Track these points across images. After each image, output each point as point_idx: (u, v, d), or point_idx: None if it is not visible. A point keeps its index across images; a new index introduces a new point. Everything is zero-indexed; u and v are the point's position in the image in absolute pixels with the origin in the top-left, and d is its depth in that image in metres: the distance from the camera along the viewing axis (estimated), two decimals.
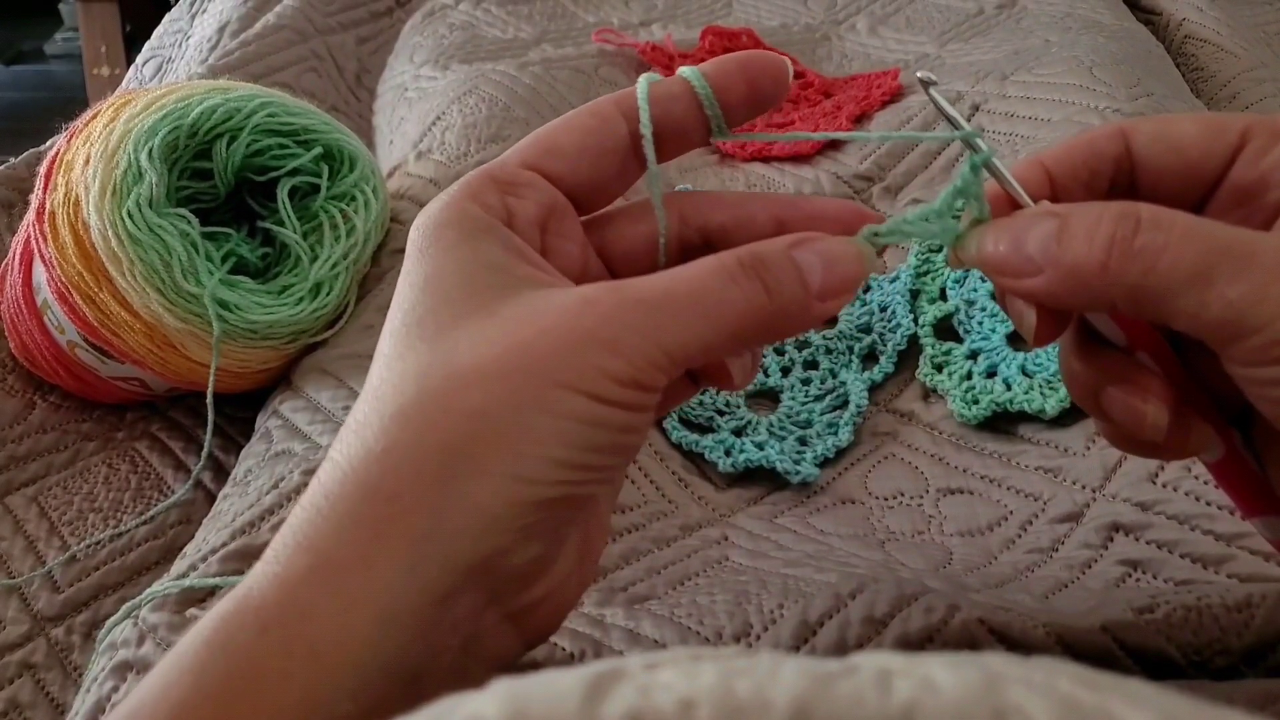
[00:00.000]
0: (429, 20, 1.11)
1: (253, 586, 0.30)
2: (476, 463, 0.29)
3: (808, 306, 0.32)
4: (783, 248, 0.32)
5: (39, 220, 0.68)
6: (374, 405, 0.31)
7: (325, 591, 0.29)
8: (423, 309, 0.32)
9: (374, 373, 0.32)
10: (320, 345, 0.71)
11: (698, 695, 0.18)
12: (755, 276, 0.31)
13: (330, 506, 0.30)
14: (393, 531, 0.29)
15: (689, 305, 0.31)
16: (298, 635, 0.29)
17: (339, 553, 0.29)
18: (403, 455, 0.30)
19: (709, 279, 0.31)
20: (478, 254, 0.33)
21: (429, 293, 0.32)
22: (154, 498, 0.69)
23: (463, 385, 0.30)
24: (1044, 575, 0.51)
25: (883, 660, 0.19)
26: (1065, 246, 0.31)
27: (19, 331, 0.73)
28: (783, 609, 0.46)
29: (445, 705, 0.20)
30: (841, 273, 0.33)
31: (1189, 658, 0.42)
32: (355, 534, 0.29)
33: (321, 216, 0.71)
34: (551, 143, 0.36)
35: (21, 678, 0.59)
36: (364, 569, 0.29)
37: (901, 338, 0.68)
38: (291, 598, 0.29)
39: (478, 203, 0.34)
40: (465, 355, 0.30)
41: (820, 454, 0.62)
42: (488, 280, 0.32)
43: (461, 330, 0.31)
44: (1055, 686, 0.18)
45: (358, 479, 0.30)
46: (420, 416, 0.30)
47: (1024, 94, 0.83)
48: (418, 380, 0.30)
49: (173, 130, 0.67)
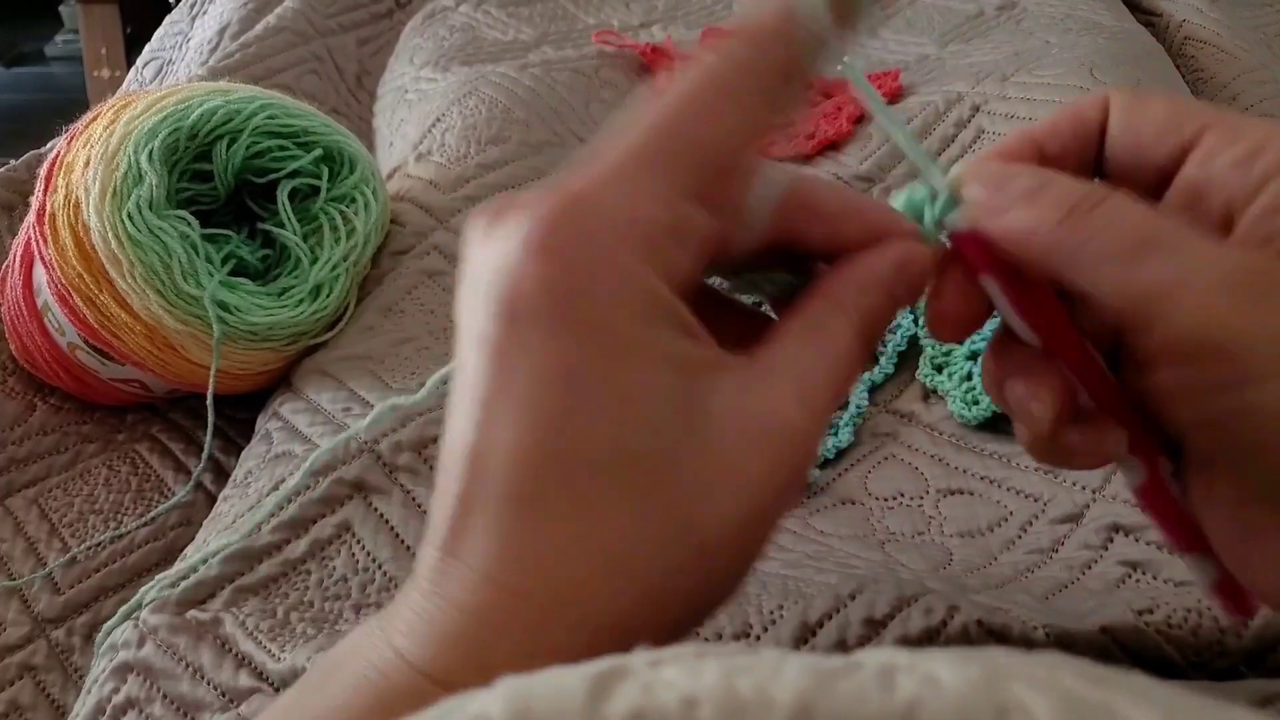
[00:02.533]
0: (429, 22, 1.11)
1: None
2: (693, 626, 0.29)
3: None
4: (888, 290, 0.32)
5: (39, 222, 0.68)
6: (613, 573, 0.26)
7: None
8: (629, 444, 0.27)
9: (580, 511, 0.26)
10: (320, 347, 0.71)
11: (701, 693, 0.18)
12: (870, 343, 0.32)
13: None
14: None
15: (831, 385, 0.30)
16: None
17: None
18: (645, 632, 0.26)
19: (854, 366, 0.31)
20: (669, 360, 0.27)
21: (634, 424, 0.27)
22: (154, 499, 0.69)
23: (710, 559, 0.27)
24: (1044, 576, 0.51)
25: (885, 657, 0.19)
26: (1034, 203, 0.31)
27: (19, 333, 0.73)
28: (783, 610, 0.46)
29: (450, 704, 0.20)
30: (915, 295, 0.33)
31: (1188, 659, 0.42)
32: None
33: (321, 218, 0.71)
34: (729, 159, 0.30)
35: (22, 679, 0.59)
36: None
37: (901, 338, 0.68)
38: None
39: (656, 268, 0.28)
40: (703, 521, 0.27)
41: (820, 455, 0.62)
42: (682, 396, 0.27)
43: (682, 478, 0.27)
44: (1058, 682, 0.18)
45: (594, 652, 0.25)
46: (673, 591, 0.27)
47: (1024, 95, 0.84)
48: (666, 550, 0.27)
49: (173, 132, 0.67)
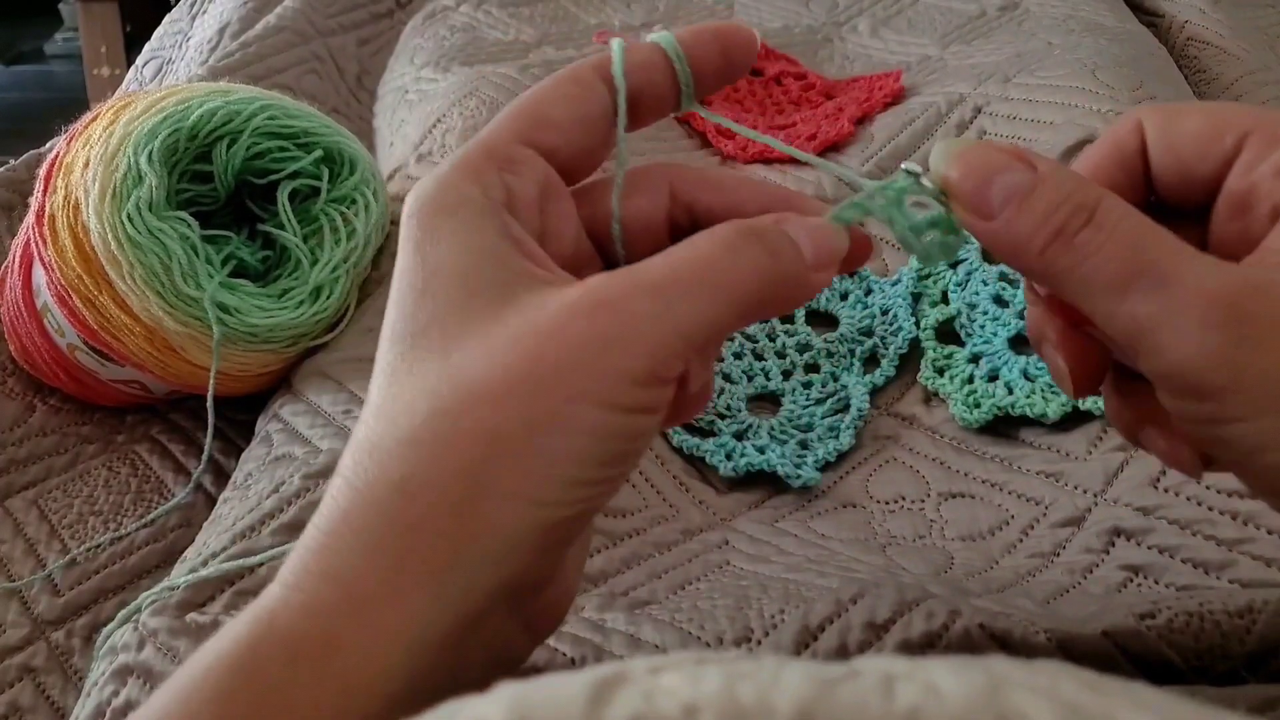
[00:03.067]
0: (430, 22, 1.11)
1: (277, 611, 0.29)
2: (494, 487, 0.29)
3: (805, 275, 0.32)
4: (772, 222, 0.32)
5: (39, 223, 0.67)
6: (386, 426, 0.30)
7: (354, 624, 0.28)
8: (426, 314, 0.30)
9: (378, 384, 0.31)
10: (320, 349, 0.71)
11: (701, 700, 0.18)
12: (757, 241, 0.31)
13: (353, 534, 0.29)
14: (416, 561, 0.28)
15: (698, 281, 0.30)
16: (328, 667, 0.28)
17: (365, 584, 0.29)
18: (420, 482, 0.29)
19: (714, 251, 0.30)
20: (479, 246, 0.31)
21: (431, 295, 0.30)
22: (154, 501, 0.69)
23: (475, 403, 0.29)
24: (1045, 580, 0.51)
25: (886, 664, 0.19)
26: (1022, 213, 0.31)
27: (19, 334, 0.73)
28: (784, 614, 0.46)
29: (448, 709, 0.20)
30: (829, 245, 0.32)
31: (1190, 663, 0.42)
32: (380, 564, 0.29)
33: (322, 219, 0.71)
34: (542, 114, 0.34)
35: (22, 681, 0.59)
36: (391, 601, 0.28)
37: (903, 341, 0.68)
38: (320, 629, 0.28)
39: (477, 183, 0.32)
40: (475, 369, 0.29)
41: (821, 458, 0.62)
42: (491, 278, 0.30)
43: (469, 339, 0.29)
44: (1059, 691, 0.18)
45: (377, 506, 0.29)
46: (434, 439, 0.29)
47: (1026, 96, 0.83)
48: (429, 399, 0.29)
49: (172, 133, 0.67)
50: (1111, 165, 0.35)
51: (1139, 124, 0.35)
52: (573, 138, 0.34)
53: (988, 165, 0.32)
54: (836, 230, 0.33)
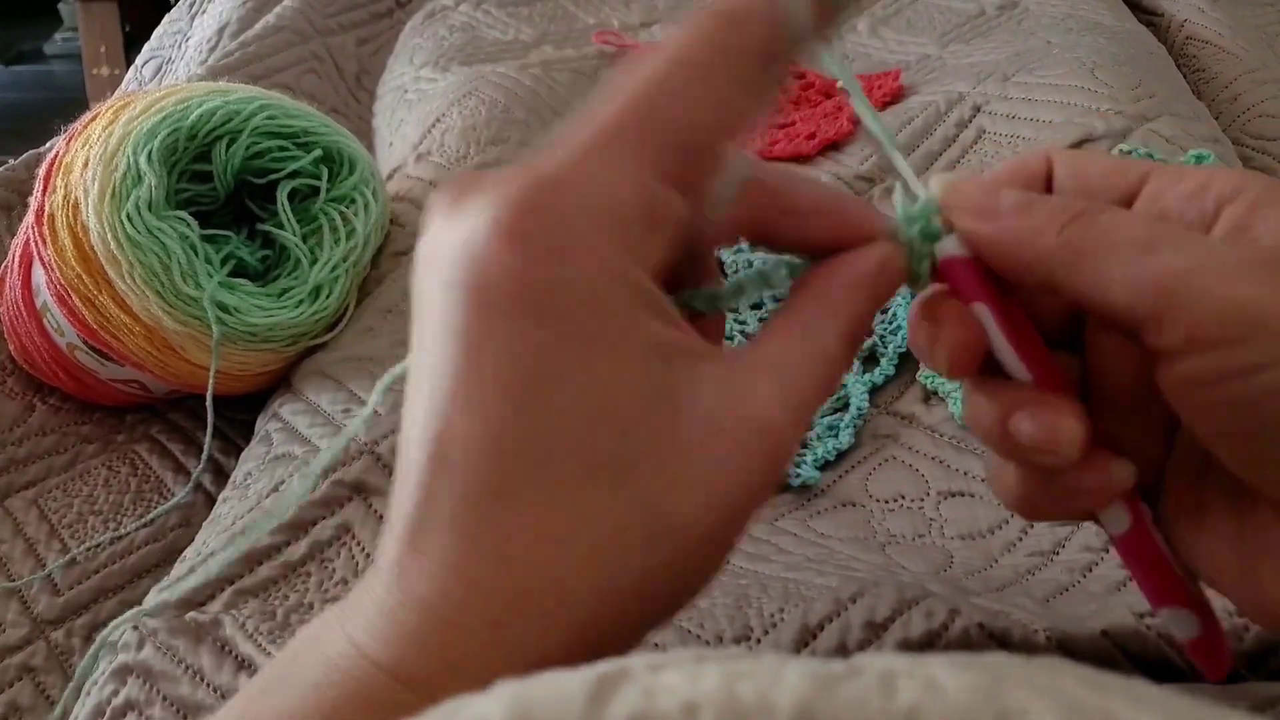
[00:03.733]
0: (429, 21, 1.11)
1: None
2: (663, 620, 0.28)
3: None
4: (869, 297, 0.31)
5: (38, 223, 0.67)
6: (578, 564, 0.26)
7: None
8: (603, 437, 0.26)
9: (550, 501, 0.26)
10: (320, 348, 0.71)
11: (701, 697, 0.18)
12: (857, 344, 0.31)
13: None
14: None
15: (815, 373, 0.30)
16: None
17: None
18: (617, 631, 0.27)
19: (838, 369, 0.30)
20: (645, 349, 0.27)
21: (607, 417, 0.26)
22: (154, 500, 0.69)
23: (685, 551, 0.27)
24: (1045, 578, 0.51)
25: (886, 662, 0.19)
26: (1033, 210, 0.31)
27: (18, 334, 0.73)
28: (783, 613, 0.46)
29: (449, 707, 0.19)
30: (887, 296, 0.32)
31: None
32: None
33: (321, 219, 0.71)
34: (706, 142, 0.28)
35: (21, 680, 0.59)
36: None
37: (902, 340, 0.68)
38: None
39: (634, 256, 0.27)
40: (676, 512, 0.27)
41: (821, 457, 0.62)
42: (658, 383, 0.27)
43: (656, 468, 0.26)
44: (1059, 688, 0.18)
45: (557, 650, 0.26)
46: (640, 586, 0.27)
47: (1026, 95, 0.83)
48: (637, 542, 0.26)
49: (172, 133, 0.67)
50: (1018, 180, 0.35)
51: (1046, 156, 0.35)
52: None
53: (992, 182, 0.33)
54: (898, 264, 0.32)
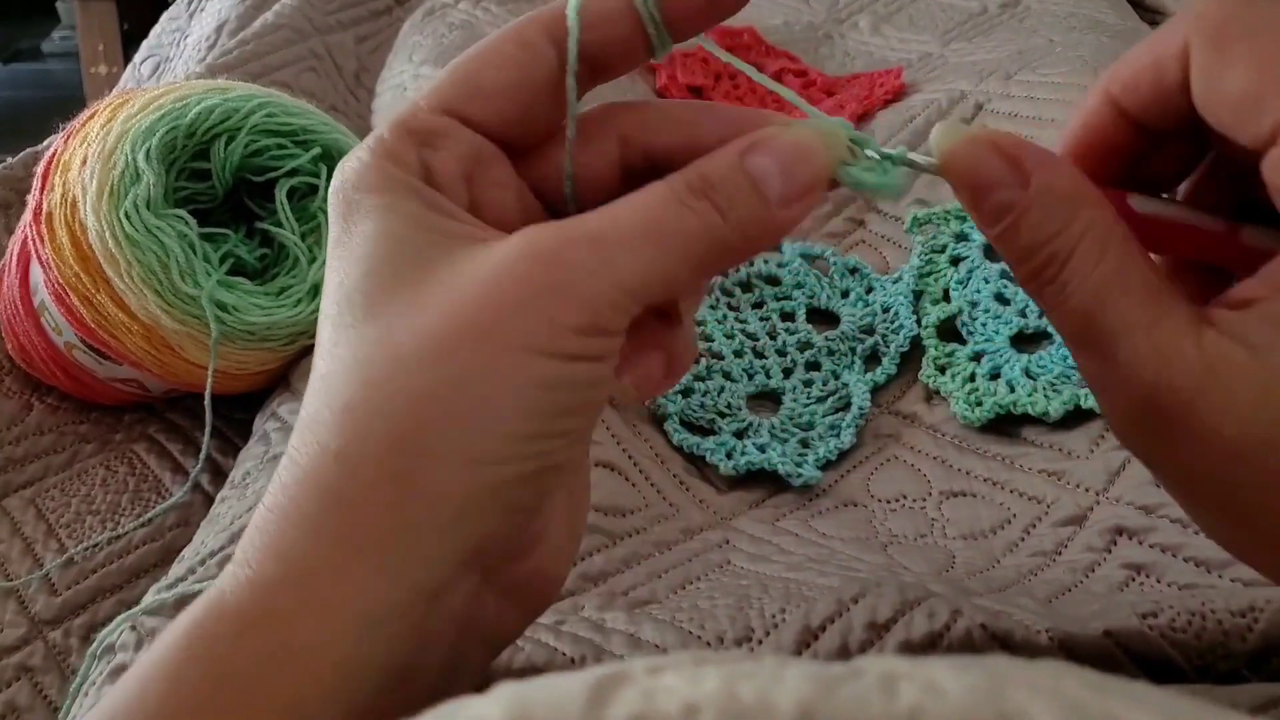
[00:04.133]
0: (429, 19, 1.11)
1: (226, 590, 0.29)
2: (431, 452, 0.28)
3: (769, 219, 0.29)
4: (733, 158, 0.29)
5: (36, 221, 0.67)
6: (322, 398, 0.29)
7: (299, 597, 0.28)
8: (351, 286, 0.30)
9: (318, 361, 0.30)
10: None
11: (701, 699, 0.18)
12: (705, 197, 0.29)
13: (297, 512, 0.28)
14: (358, 536, 0.28)
15: (640, 235, 0.28)
16: (276, 639, 0.27)
17: (312, 562, 0.28)
18: (355, 454, 0.28)
19: (657, 206, 0.29)
20: (401, 218, 0.30)
21: (356, 268, 0.30)
22: (152, 500, 0.69)
23: (405, 368, 0.28)
24: (1047, 579, 0.51)
25: (887, 664, 0.19)
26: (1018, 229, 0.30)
27: (16, 333, 0.72)
28: (785, 613, 0.45)
29: (448, 709, 0.19)
30: (804, 173, 0.30)
31: (1192, 662, 0.41)
32: (326, 544, 0.28)
33: (320, 217, 0.71)
34: (473, 83, 0.31)
35: (19, 681, 0.58)
36: (335, 575, 0.28)
37: (904, 339, 0.68)
38: (266, 602, 0.28)
39: (394, 161, 0.31)
40: (404, 333, 0.28)
41: (822, 456, 0.62)
42: (416, 244, 0.29)
43: (396, 305, 0.29)
44: (1061, 690, 0.18)
45: (316, 482, 0.28)
46: (366, 408, 0.28)
47: (1028, 94, 0.83)
48: (360, 368, 0.28)
49: (170, 130, 0.67)
50: (1147, 90, 0.32)
51: (1185, 50, 0.30)
52: (506, 107, 0.32)
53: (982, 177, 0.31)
54: (822, 145, 0.30)
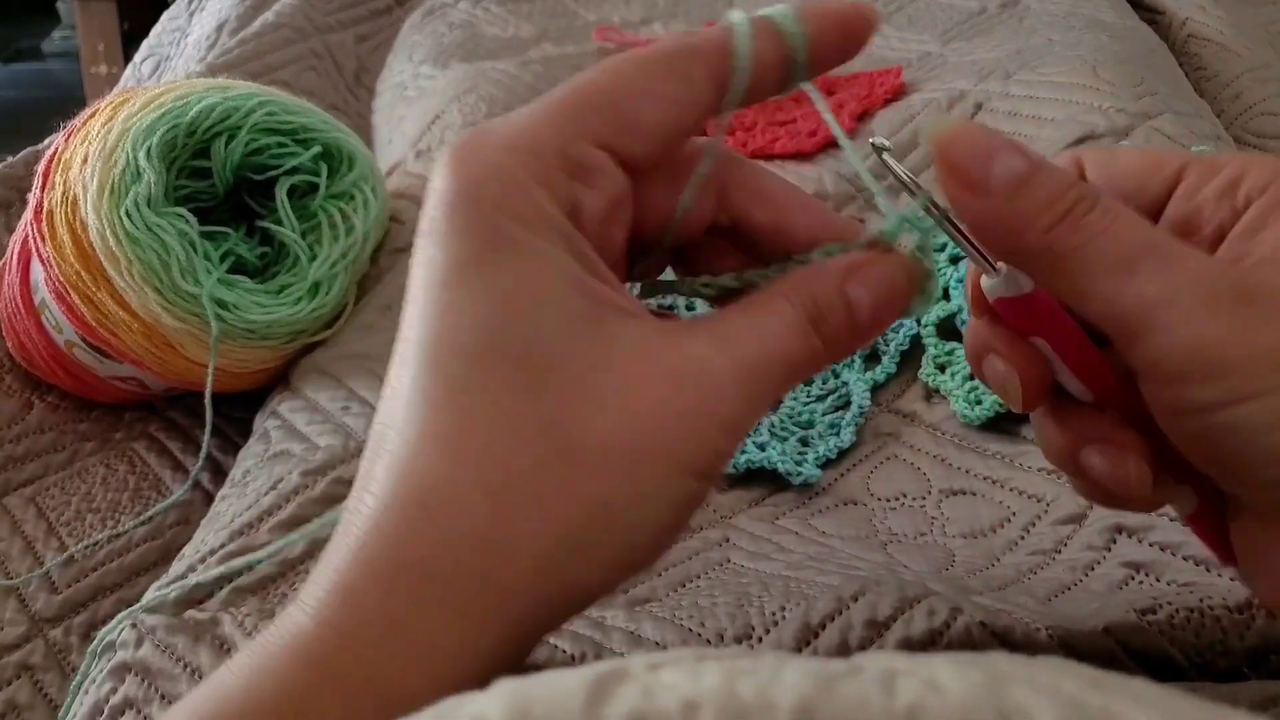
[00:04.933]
0: (428, 18, 1.11)
1: (324, 645, 0.27)
2: (592, 554, 0.27)
3: (850, 346, 0.31)
4: (837, 288, 0.31)
5: (37, 219, 0.67)
6: (462, 466, 0.27)
7: (416, 675, 0.26)
8: (499, 341, 0.27)
9: (435, 407, 0.27)
10: (319, 345, 0.71)
11: (701, 696, 0.18)
12: (817, 332, 0.30)
13: (424, 586, 0.27)
14: (494, 620, 0.27)
15: (780, 366, 0.29)
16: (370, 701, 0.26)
17: (436, 640, 0.26)
18: (515, 542, 0.27)
19: (793, 339, 0.30)
20: (558, 271, 0.28)
21: (505, 319, 0.27)
22: (152, 498, 0.69)
23: (582, 466, 0.27)
24: (1047, 577, 0.51)
25: (887, 661, 0.19)
26: (1025, 194, 0.30)
27: (16, 331, 0.72)
28: (784, 611, 0.45)
29: (448, 705, 0.19)
30: (889, 306, 0.32)
31: (1191, 659, 0.42)
32: (457, 624, 0.26)
33: (320, 215, 0.71)
34: (631, 115, 0.29)
35: (19, 679, 0.59)
36: (462, 659, 0.27)
37: (904, 337, 0.68)
38: (373, 674, 0.26)
39: (549, 190, 0.28)
40: (578, 427, 0.27)
41: (822, 455, 0.62)
42: (575, 310, 0.28)
43: (564, 386, 0.27)
44: (1060, 687, 0.18)
45: (457, 562, 0.27)
46: (533, 498, 0.27)
47: (1027, 93, 0.83)
48: (526, 451, 0.27)
49: (171, 129, 0.67)
50: None
51: (1078, 159, 0.35)
52: (662, 146, 0.30)
53: (988, 145, 0.31)
54: (905, 285, 0.32)
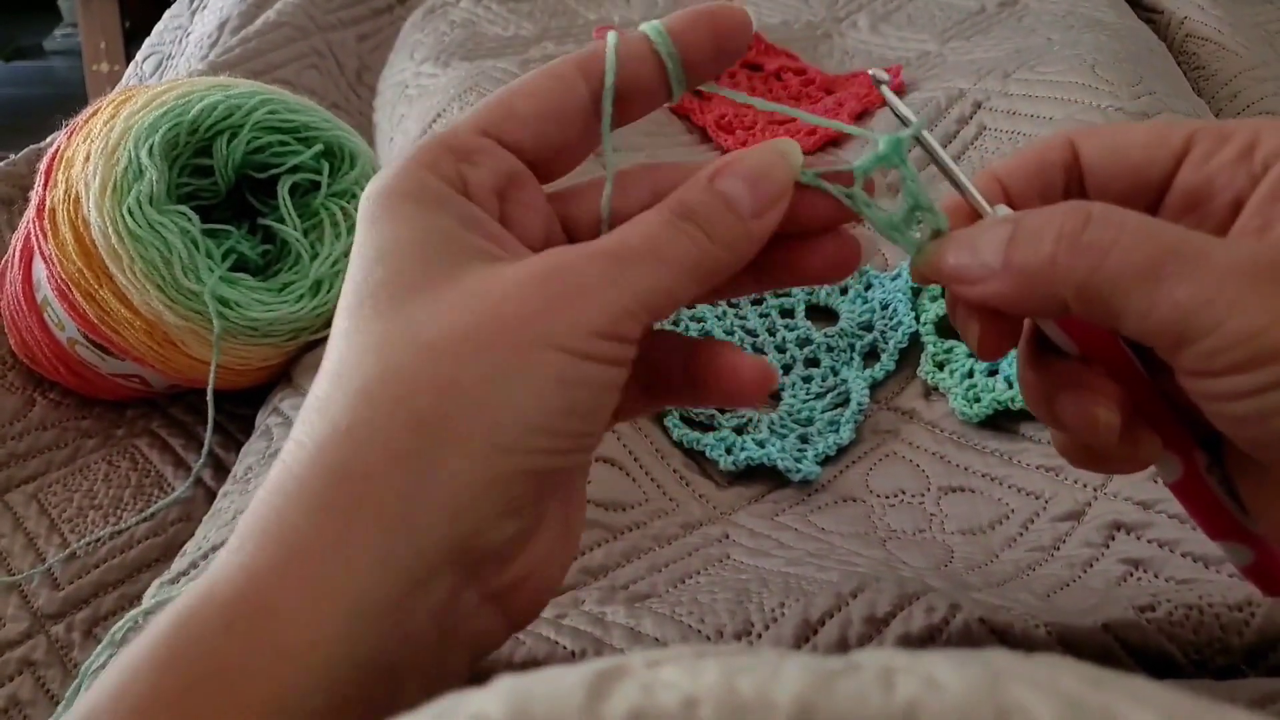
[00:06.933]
0: (430, 17, 1.11)
1: (217, 579, 0.29)
2: (452, 436, 0.28)
3: (748, 232, 0.33)
4: (703, 183, 0.33)
5: (39, 217, 0.67)
6: (336, 383, 0.30)
7: (294, 585, 0.28)
8: (376, 281, 0.31)
9: (332, 350, 0.31)
10: (321, 342, 0.71)
11: (700, 693, 0.18)
12: (690, 221, 0.32)
13: (299, 490, 0.29)
14: (365, 514, 0.28)
15: (648, 255, 0.31)
16: (264, 632, 0.27)
17: (309, 541, 0.28)
18: (371, 433, 0.29)
19: (657, 230, 0.32)
20: (432, 224, 0.32)
21: (383, 264, 0.31)
22: (154, 495, 0.69)
23: (430, 356, 0.29)
24: (1045, 574, 0.51)
25: (885, 658, 0.19)
26: (1016, 247, 0.32)
27: (19, 328, 0.72)
28: (784, 607, 0.46)
29: (448, 703, 0.20)
30: (769, 186, 0.33)
31: (1190, 657, 0.42)
32: (325, 519, 0.28)
33: (322, 214, 0.71)
34: (509, 108, 0.34)
35: (21, 675, 0.59)
36: (335, 557, 0.28)
37: (903, 335, 0.68)
38: (258, 592, 0.28)
39: (432, 171, 0.33)
40: (429, 325, 0.30)
41: (821, 452, 0.62)
42: (444, 251, 0.31)
43: (420, 300, 0.30)
44: (1059, 685, 0.18)
45: (325, 460, 0.29)
46: (386, 391, 0.29)
47: (1026, 92, 0.83)
48: (380, 354, 0.30)
49: (173, 127, 0.67)
50: (1032, 170, 0.35)
51: (1069, 142, 0.36)
52: (540, 131, 0.34)
53: (969, 235, 0.33)
54: (783, 159, 0.33)
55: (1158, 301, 0.29)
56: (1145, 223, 0.30)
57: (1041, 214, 0.32)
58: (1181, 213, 0.34)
